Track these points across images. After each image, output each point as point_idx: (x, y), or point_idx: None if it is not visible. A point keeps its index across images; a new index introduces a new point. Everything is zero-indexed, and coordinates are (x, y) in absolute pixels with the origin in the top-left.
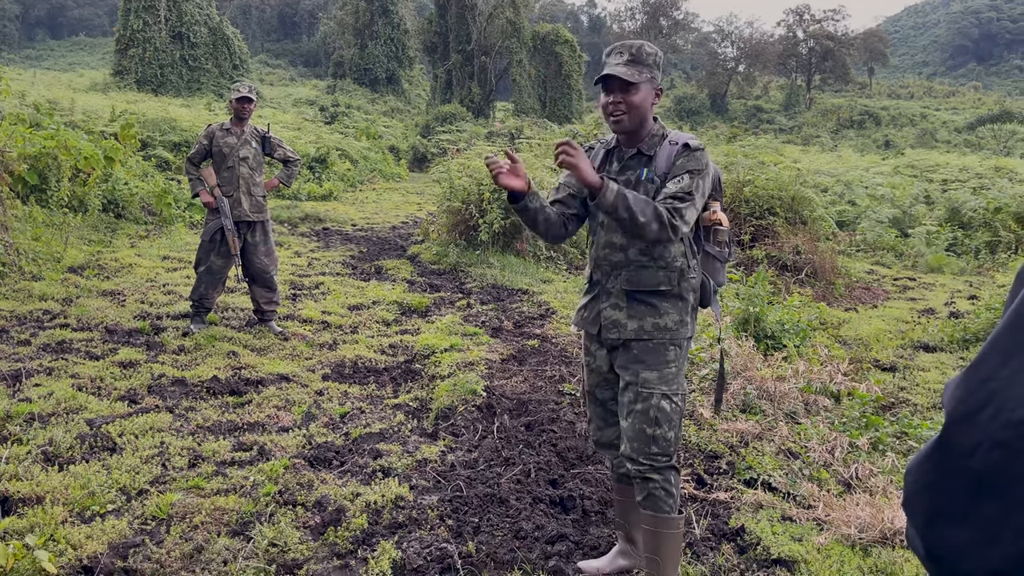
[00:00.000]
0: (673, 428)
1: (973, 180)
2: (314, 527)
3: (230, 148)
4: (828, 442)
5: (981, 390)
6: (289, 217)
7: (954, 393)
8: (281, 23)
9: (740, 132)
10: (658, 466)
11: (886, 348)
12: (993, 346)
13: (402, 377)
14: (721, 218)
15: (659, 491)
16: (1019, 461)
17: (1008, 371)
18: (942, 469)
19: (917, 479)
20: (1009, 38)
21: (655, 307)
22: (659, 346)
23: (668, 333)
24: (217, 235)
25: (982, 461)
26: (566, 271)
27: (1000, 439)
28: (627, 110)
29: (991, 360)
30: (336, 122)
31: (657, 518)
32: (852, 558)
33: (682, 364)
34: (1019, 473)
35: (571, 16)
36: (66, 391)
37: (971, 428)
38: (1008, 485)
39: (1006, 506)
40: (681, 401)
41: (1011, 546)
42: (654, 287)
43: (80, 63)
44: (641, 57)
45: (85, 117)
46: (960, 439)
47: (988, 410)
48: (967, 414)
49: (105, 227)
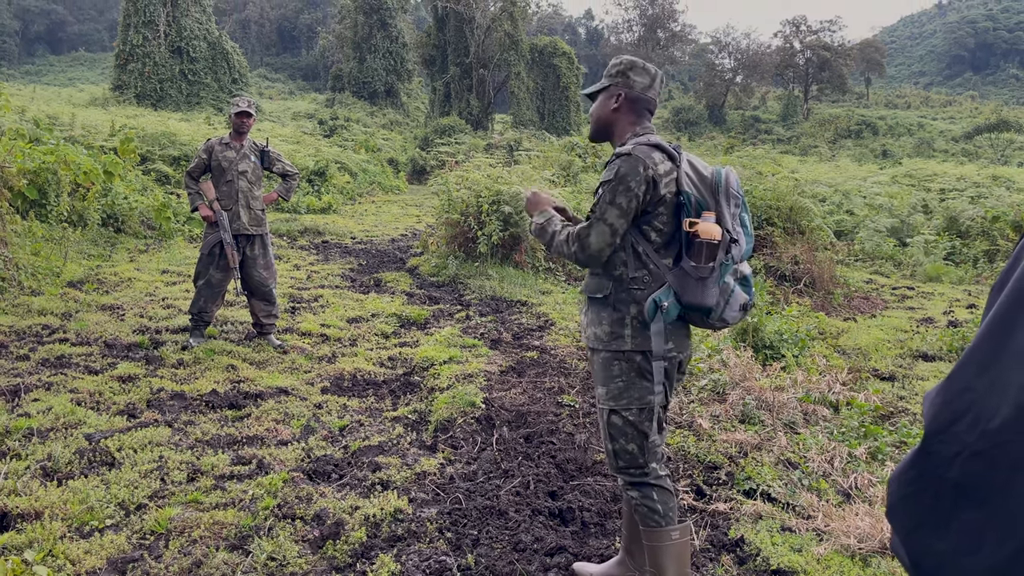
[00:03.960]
0: (632, 441)
1: (971, 189)
2: (313, 541)
3: (229, 162)
4: (827, 452)
5: (959, 400)
6: (288, 230)
7: (933, 403)
8: (280, 37)
9: (738, 143)
10: (631, 481)
11: (885, 357)
12: (970, 357)
13: (401, 389)
14: (699, 229)
15: (641, 507)
16: (997, 471)
17: (985, 381)
18: (923, 479)
19: (899, 488)
20: (1005, 47)
21: (596, 315)
22: (606, 360)
23: (602, 343)
24: (216, 248)
25: (961, 471)
26: (564, 283)
27: (978, 449)
28: (591, 119)
29: (968, 371)
30: (335, 135)
31: (648, 532)
32: (852, 568)
33: (633, 378)
34: (998, 483)
35: (569, 28)
36: (65, 406)
37: (950, 438)
38: (987, 495)
39: (986, 516)
40: (635, 416)
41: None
42: (592, 293)
43: (80, 78)
44: (606, 71)
45: (85, 132)
46: (939, 449)
47: (966, 420)
48: (946, 424)
49: (104, 241)
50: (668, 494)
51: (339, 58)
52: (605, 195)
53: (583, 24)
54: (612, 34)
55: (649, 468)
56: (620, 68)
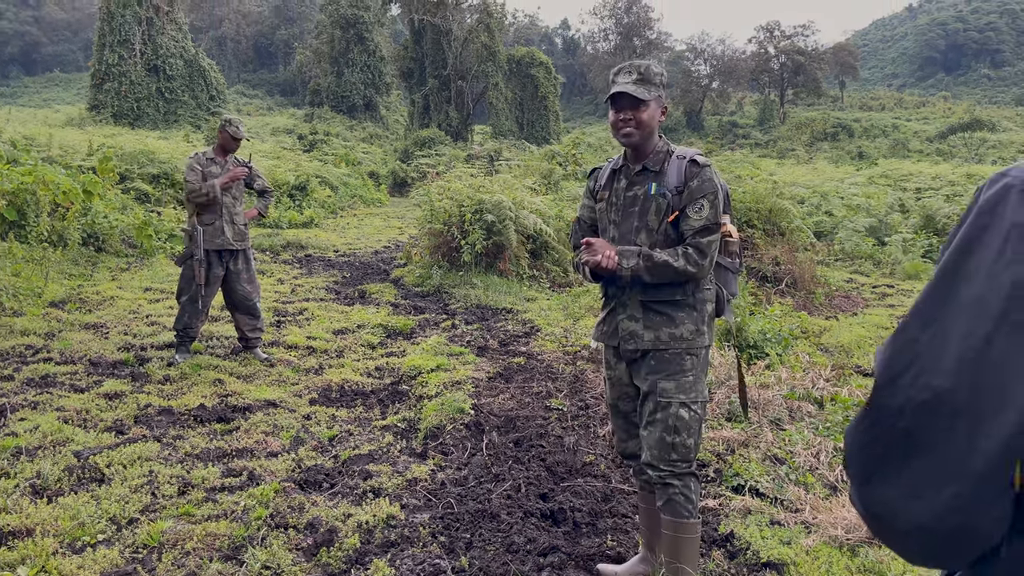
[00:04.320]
0: (692, 435)
1: (946, 188)
2: (307, 549)
3: (214, 177)
4: (813, 447)
5: (905, 353)
6: (271, 245)
7: (882, 357)
8: (257, 53)
9: (716, 148)
10: (678, 472)
11: (867, 354)
12: (916, 312)
13: (389, 399)
14: (731, 230)
15: (679, 496)
16: (940, 419)
17: (928, 334)
18: (874, 430)
19: (854, 441)
20: (976, 48)
21: (671, 317)
22: (675, 356)
23: (684, 343)
24: (188, 263)
25: (908, 421)
26: (549, 289)
27: (922, 399)
28: (636, 126)
29: (914, 325)
30: (315, 150)
31: (676, 523)
32: (840, 559)
33: (700, 373)
34: (941, 430)
35: (545, 38)
36: (52, 424)
37: (897, 390)
38: (931, 443)
39: (930, 462)
40: (700, 409)
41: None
42: (668, 298)
43: (55, 99)
44: (649, 76)
45: (62, 152)
46: (888, 401)
47: (911, 371)
48: (892, 377)
49: (86, 261)
50: (699, 486)
51: (317, 73)
52: (716, 205)
53: (559, 34)
54: (588, 43)
55: (695, 460)
56: (664, 79)
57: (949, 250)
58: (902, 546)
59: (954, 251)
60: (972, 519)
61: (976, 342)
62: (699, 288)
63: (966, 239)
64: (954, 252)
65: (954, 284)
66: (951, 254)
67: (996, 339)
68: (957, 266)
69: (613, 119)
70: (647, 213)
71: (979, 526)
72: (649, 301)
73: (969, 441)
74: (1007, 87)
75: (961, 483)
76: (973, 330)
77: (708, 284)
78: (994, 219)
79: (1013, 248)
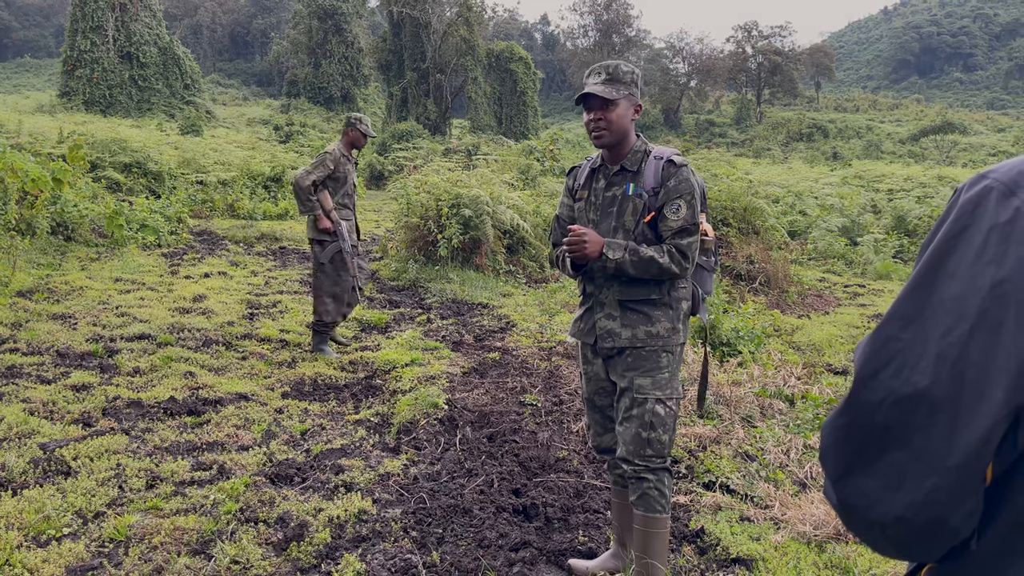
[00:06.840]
0: (667, 431)
1: (917, 189)
2: (277, 543)
3: (348, 174)
4: (783, 444)
5: (885, 350)
6: (245, 236)
7: (862, 353)
8: (233, 43)
9: (693, 146)
10: (653, 467)
11: (838, 353)
12: (896, 310)
13: (363, 393)
14: (707, 229)
15: (653, 491)
16: (919, 414)
17: (909, 333)
18: (853, 424)
19: (831, 434)
20: (949, 51)
21: (647, 316)
22: (652, 353)
23: (660, 340)
24: (336, 257)
25: (887, 415)
26: (525, 285)
27: (902, 394)
28: (607, 126)
29: (894, 323)
30: (291, 141)
31: (648, 517)
32: (808, 554)
33: (676, 369)
34: (919, 425)
35: (525, 34)
36: (17, 415)
37: (877, 385)
38: (910, 436)
39: (908, 455)
40: (675, 405)
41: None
42: (645, 297)
43: (25, 84)
44: (618, 75)
45: (32, 139)
46: (868, 396)
47: (891, 367)
48: (872, 373)
49: (54, 250)
50: (672, 481)
51: (294, 64)
52: (694, 205)
53: (539, 29)
54: (568, 39)
55: (669, 455)
56: (636, 77)
57: (929, 249)
58: (877, 537)
59: (934, 251)
60: (947, 512)
61: (955, 340)
62: (675, 287)
63: (946, 239)
64: (934, 252)
65: (934, 283)
66: (931, 253)
67: (975, 337)
68: (937, 265)
69: (586, 120)
70: (624, 213)
71: (952, 519)
72: (627, 300)
73: (947, 436)
74: (979, 91)
75: (940, 476)
76: (952, 328)
77: (684, 283)
78: (974, 220)
79: (992, 249)
